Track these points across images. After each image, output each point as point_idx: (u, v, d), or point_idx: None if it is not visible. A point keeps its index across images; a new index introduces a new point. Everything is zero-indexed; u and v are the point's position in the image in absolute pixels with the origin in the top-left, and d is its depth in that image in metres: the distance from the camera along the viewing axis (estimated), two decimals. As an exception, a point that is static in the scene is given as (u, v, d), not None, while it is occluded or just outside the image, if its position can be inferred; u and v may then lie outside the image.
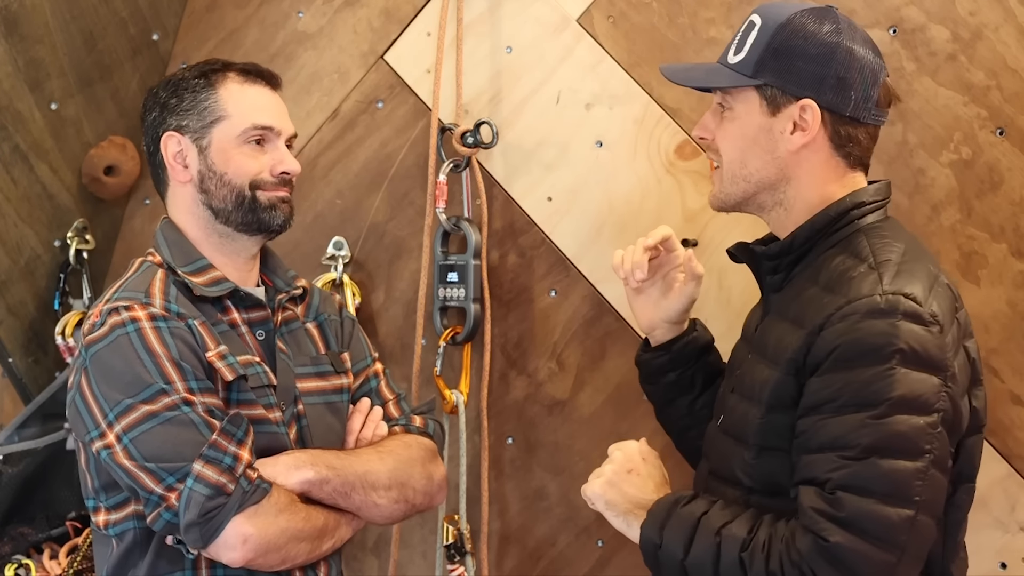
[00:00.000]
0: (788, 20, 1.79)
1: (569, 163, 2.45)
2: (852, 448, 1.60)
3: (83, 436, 1.82)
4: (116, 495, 1.83)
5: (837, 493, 1.59)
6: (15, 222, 2.51)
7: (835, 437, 1.62)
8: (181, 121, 1.91)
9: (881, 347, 1.61)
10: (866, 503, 1.58)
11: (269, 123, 1.92)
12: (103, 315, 1.82)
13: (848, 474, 1.59)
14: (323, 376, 1.99)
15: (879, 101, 1.79)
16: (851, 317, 1.64)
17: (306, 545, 1.82)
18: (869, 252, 1.73)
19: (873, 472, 1.59)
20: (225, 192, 1.90)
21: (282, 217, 1.93)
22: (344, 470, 1.86)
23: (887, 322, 1.62)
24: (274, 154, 1.93)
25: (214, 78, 1.93)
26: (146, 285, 1.86)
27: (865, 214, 1.79)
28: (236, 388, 1.84)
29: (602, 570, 2.48)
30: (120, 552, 1.85)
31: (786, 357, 1.70)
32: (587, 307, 2.46)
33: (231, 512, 1.73)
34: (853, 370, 1.62)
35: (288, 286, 2.00)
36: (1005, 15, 2.16)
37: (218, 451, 1.74)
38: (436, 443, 2.05)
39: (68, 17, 2.46)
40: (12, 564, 2.43)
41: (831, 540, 1.58)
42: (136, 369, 1.77)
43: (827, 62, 1.77)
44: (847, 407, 1.62)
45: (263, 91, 1.95)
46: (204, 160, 1.91)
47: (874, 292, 1.65)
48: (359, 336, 2.10)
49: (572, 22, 2.44)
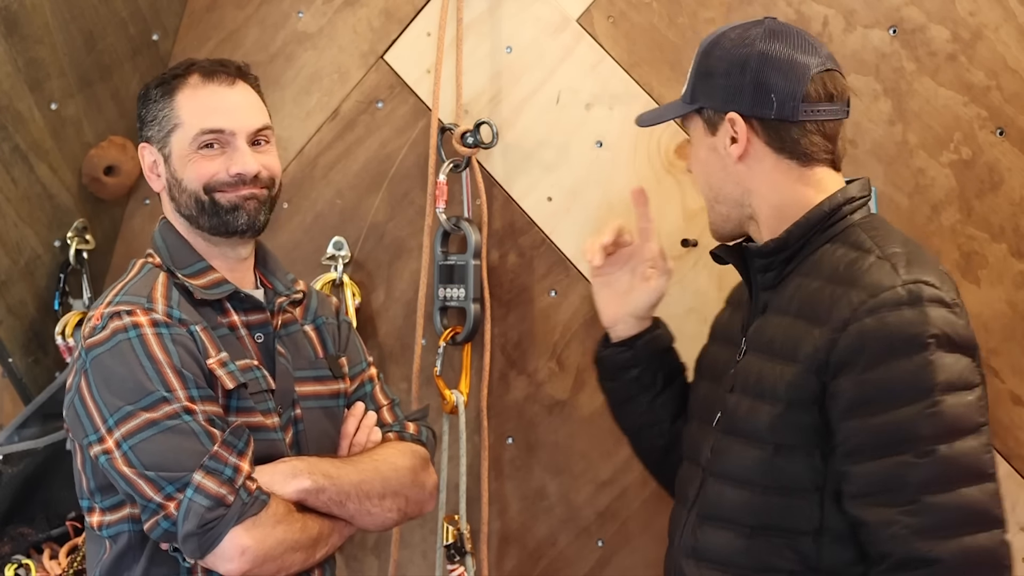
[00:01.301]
0: (711, 42, 1.86)
1: (569, 163, 2.45)
2: (915, 444, 1.61)
3: (81, 439, 1.82)
4: (111, 497, 1.83)
5: (921, 500, 1.61)
6: (15, 222, 2.50)
7: (890, 438, 1.63)
8: (148, 132, 1.94)
9: (914, 337, 1.64)
10: (952, 498, 1.60)
11: (219, 126, 1.89)
12: (104, 318, 1.81)
13: (924, 475, 1.61)
14: (321, 380, 1.99)
15: (810, 96, 1.79)
16: (879, 311, 1.65)
17: (301, 554, 1.82)
18: (872, 244, 1.74)
19: (945, 462, 1.61)
20: (185, 198, 1.91)
21: (246, 216, 1.89)
22: (340, 479, 1.86)
23: (916, 310, 1.65)
24: (231, 155, 1.90)
25: (173, 85, 1.92)
26: (148, 289, 1.85)
27: (855, 209, 1.82)
28: (236, 396, 1.84)
29: (602, 570, 2.48)
30: (114, 554, 1.85)
31: (804, 353, 1.71)
32: (587, 307, 2.46)
33: (230, 523, 1.73)
34: (893, 363, 1.64)
35: (288, 289, 2.00)
36: (1005, 15, 2.16)
37: (219, 462, 1.74)
38: (428, 450, 2.05)
39: (68, 17, 2.46)
40: (12, 564, 2.43)
41: (941, 558, 1.60)
42: (138, 376, 1.76)
43: (741, 72, 1.81)
44: (896, 403, 1.63)
45: (218, 91, 1.92)
46: (168, 169, 1.92)
47: (895, 283, 1.66)
48: (355, 340, 2.10)
49: (572, 22, 2.44)
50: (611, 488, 2.47)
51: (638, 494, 2.45)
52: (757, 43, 1.81)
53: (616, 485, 2.47)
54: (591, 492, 2.48)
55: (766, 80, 1.79)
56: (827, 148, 1.82)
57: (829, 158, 1.83)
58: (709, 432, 1.89)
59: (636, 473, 2.44)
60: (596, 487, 2.48)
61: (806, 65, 1.80)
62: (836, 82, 1.82)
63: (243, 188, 1.90)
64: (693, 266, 2.37)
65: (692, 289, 2.38)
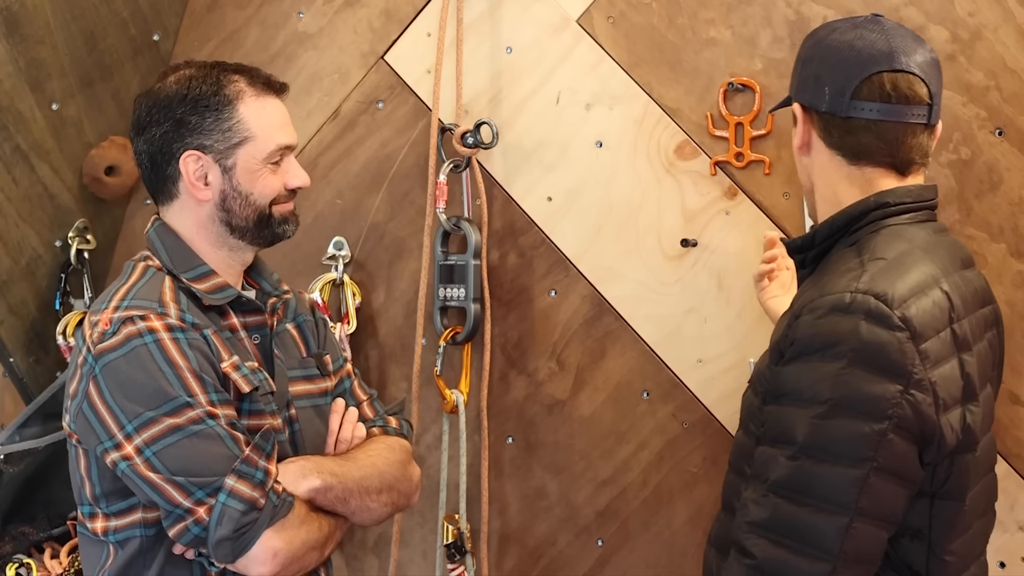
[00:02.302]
0: (810, 32, 1.86)
1: (569, 163, 2.45)
2: (792, 446, 1.59)
3: (94, 446, 1.80)
4: (119, 502, 1.83)
5: (770, 496, 1.60)
6: (16, 222, 2.51)
7: (779, 432, 1.62)
8: (204, 140, 1.87)
9: (835, 344, 1.59)
10: (798, 511, 1.58)
11: (291, 142, 1.93)
12: (115, 324, 1.79)
13: (784, 476, 1.59)
14: (311, 379, 1.99)
15: (861, 94, 1.75)
16: (817, 311, 1.63)
17: (317, 553, 1.83)
18: (870, 251, 1.70)
19: (807, 475, 1.58)
20: (248, 212, 1.90)
21: (292, 230, 1.96)
22: (345, 477, 1.87)
23: (850, 320, 1.60)
24: (288, 168, 1.93)
25: (232, 94, 1.89)
26: (158, 294, 1.84)
27: (889, 215, 1.75)
28: (248, 399, 1.84)
29: (602, 569, 2.49)
30: (123, 559, 1.84)
31: (773, 348, 1.72)
32: (587, 307, 2.47)
33: (263, 527, 1.73)
34: (808, 363, 1.61)
35: (276, 290, 2.00)
36: (1004, 16, 2.17)
37: (250, 466, 1.74)
38: (410, 443, 2.06)
39: (69, 17, 2.47)
40: (13, 563, 2.43)
41: (758, 557, 1.59)
42: (158, 382, 1.75)
43: (808, 64, 1.80)
44: (796, 401, 1.61)
45: (278, 105, 1.93)
46: (229, 180, 1.89)
47: (846, 289, 1.62)
48: (331, 337, 2.10)
49: (572, 22, 2.44)
50: (611, 488, 2.47)
51: (638, 494, 2.46)
52: (833, 35, 1.79)
53: (616, 485, 2.47)
54: (591, 492, 2.49)
55: (823, 73, 1.77)
56: (882, 149, 1.77)
57: (888, 160, 1.77)
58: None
59: (636, 473, 2.45)
60: (596, 487, 2.49)
61: (869, 62, 1.75)
62: (903, 84, 1.75)
63: (291, 202, 1.95)
64: (693, 266, 2.37)
65: (692, 289, 2.38)
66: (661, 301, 2.40)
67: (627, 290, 2.44)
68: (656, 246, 2.41)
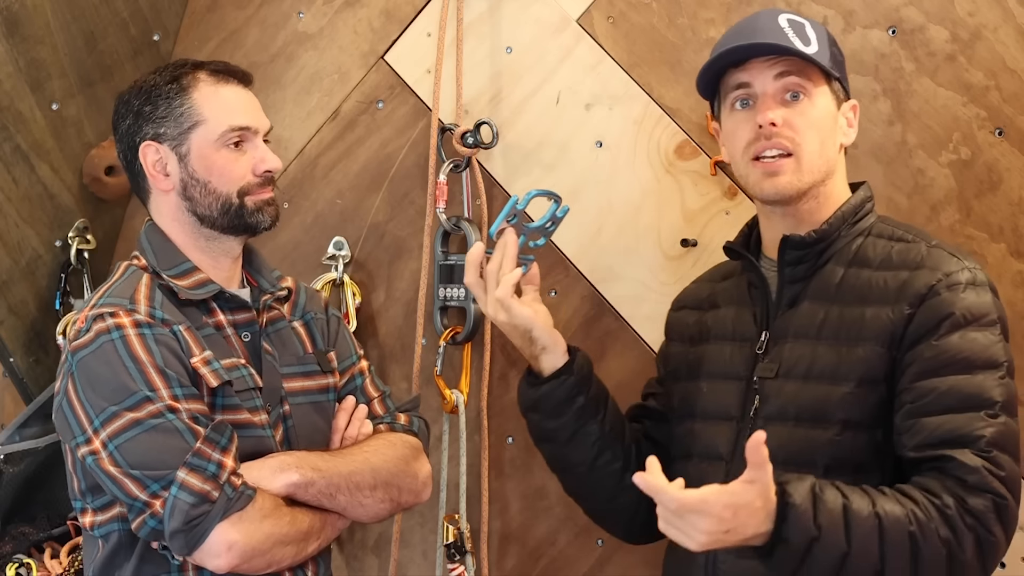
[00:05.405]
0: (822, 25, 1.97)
1: (569, 163, 2.45)
2: (993, 406, 1.70)
3: (70, 441, 1.83)
4: (101, 497, 1.84)
5: (993, 452, 1.68)
6: (16, 222, 2.51)
7: (971, 395, 1.70)
8: (158, 129, 1.90)
9: (987, 314, 1.76)
10: (1011, 463, 1.68)
11: (246, 123, 1.91)
12: (88, 321, 1.82)
13: (996, 433, 1.69)
14: (309, 376, 1.99)
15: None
16: (957, 287, 1.75)
17: (292, 548, 1.83)
18: (913, 236, 1.85)
19: (1010, 430, 1.71)
20: (211, 200, 1.90)
21: (269, 220, 1.93)
22: (329, 472, 1.87)
23: (989, 292, 1.78)
24: (254, 153, 1.92)
25: (186, 81, 1.90)
26: (131, 291, 1.86)
27: (872, 205, 1.93)
28: (221, 394, 1.85)
29: (602, 569, 2.49)
30: (105, 553, 1.86)
31: (872, 332, 1.77)
32: (587, 307, 2.47)
33: (215, 519, 1.74)
34: (979, 331, 1.74)
35: (273, 287, 2.00)
36: (1004, 16, 2.17)
37: (202, 459, 1.75)
38: (421, 440, 2.05)
39: (69, 17, 2.47)
40: (13, 563, 2.43)
41: (1007, 498, 1.66)
42: (121, 376, 1.77)
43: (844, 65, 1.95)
44: (978, 368, 1.72)
45: (236, 90, 1.93)
46: (185, 168, 1.90)
47: (962, 267, 1.78)
48: (344, 334, 2.10)
49: (572, 22, 2.44)
50: (611, 488, 2.47)
51: (638, 493, 2.46)
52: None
53: (616, 485, 2.47)
54: (591, 491, 2.49)
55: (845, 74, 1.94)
56: None
57: None
58: (734, 425, 1.89)
59: (636, 473, 2.44)
60: (596, 486, 2.48)
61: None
62: None
63: (266, 190, 1.93)
64: (693, 266, 2.37)
65: (692, 289, 2.38)
66: (661, 301, 2.39)
67: (627, 290, 2.44)
68: (656, 246, 2.41)
